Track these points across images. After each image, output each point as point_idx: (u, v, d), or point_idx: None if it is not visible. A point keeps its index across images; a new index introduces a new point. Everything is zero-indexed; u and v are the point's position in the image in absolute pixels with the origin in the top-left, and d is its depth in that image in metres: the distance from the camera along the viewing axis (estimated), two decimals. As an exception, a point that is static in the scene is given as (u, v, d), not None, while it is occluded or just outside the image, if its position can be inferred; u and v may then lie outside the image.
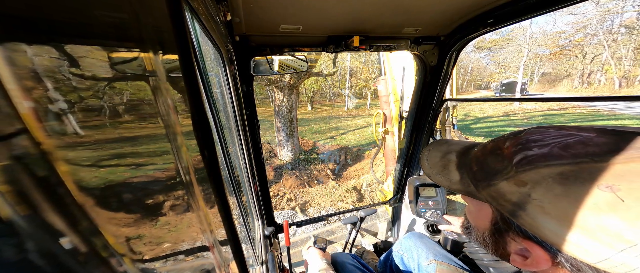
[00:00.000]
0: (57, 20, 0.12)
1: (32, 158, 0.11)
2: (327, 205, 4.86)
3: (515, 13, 0.71)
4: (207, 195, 0.28)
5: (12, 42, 0.10)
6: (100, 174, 0.16)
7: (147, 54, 0.19)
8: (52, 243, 0.11)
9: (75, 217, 0.12)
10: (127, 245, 0.17)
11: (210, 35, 0.53)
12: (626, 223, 0.22)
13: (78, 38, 0.14)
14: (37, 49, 0.12)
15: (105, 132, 0.17)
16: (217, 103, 0.77)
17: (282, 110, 6.12)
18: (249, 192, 1.07)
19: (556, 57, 23.31)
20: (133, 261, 0.17)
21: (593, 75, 21.50)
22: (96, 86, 0.17)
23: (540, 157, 0.28)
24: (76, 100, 0.14)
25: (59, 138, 0.12)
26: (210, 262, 0.30)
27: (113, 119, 0.18)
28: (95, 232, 0.14)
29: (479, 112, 14.30)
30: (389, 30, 0.89)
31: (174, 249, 0.24)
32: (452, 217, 1.01)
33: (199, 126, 0.25)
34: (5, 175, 0.10)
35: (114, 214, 0.16)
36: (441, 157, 0.44)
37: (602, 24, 18.41)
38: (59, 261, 0.12)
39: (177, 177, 0.23)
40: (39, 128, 0.11)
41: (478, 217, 0.38)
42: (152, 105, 0.20)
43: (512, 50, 21.42)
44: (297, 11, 0.68)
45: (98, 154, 0.16)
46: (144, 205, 0.21)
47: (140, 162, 0.20)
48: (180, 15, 0.23)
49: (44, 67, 0.12)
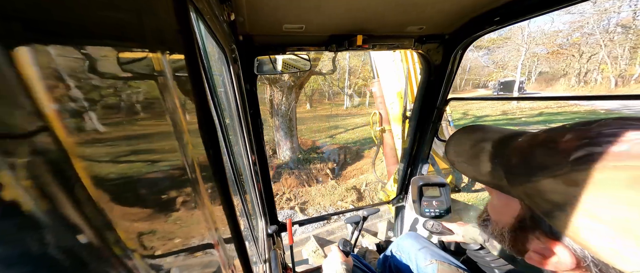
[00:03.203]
0: (73, 23, 0.13)
1: (52, 155, 0.11)
2: (327, 204, 4.86)
3: (522, 11, 0.70)
4: (213, 193, 0.28)
5: (33, 44, 0.11)
6: (115, 170, 0.16)
7: (155, 54, 0.20)
8: (70, 237, 0.12)
9: (91, 213, 0.13)
10: (138, 240, 0.17)
11: (214, 36, 0.53)
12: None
13: (93, 39, 0.15)
14: (56, 49, 0.12)
15: (119, 130, 0.17)
16: (222, 102, 0.77)
17: (281, 109, 6.10)
18: (253, 191, 1.08)
19: (553, 57, 23.46)
20: (142, 256, 0.17)
21: (589, 74, 21.69)
22: (111, 85, 0.17)
23: (610, 155, 0.24)
24: (92, 99, 0.15)
25: (76, 135, 0.13)
26: (215, 259, 0.30)
27: (126, 117, 0.18)
28: (108, 227, 0.14)
29: (477, 110, 14.37)
30: (392, 29, 0.88)
31: (181, 246, 0.24)
32: (452, 224, 1.00)
33: (205, 125, 0.25)
34: (28, 171, 0.10)
35: (126, 209, 0.16)
36: (472, 145, 0.40)
37: (599, 24, 18.55)
38: (76, 255, 0.12)
39: (184, 175, 0.23)
40: (58, 126, 0.11)
41: (502, 212, 0.36)
42: (160, 104, 0.21)
43: (510, 50, 21.53)
44: (300, 11, 0.68)
45: (113, 151, 0.16)
46: (152, 202, 0.21)
47: (149, 160, 0.21)
48: (186, 16, 0.24)
49: (63, 68, 0.12)
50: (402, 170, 1.40)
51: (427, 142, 1.21)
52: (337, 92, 18.54)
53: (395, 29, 0.88)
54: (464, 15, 0.83)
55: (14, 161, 0.10)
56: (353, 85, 16.98)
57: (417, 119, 1.20)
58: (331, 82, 16.09)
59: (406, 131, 1.37)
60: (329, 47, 0.92)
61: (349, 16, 0.74)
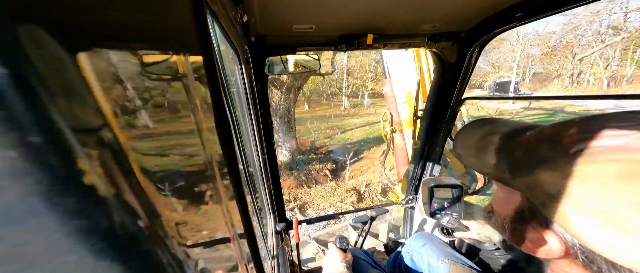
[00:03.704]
0: (107, 27, 0.14)
1: (113, 147, 0.13)
2: (327, 205, 4.82)
3: (547, 6, 0.68)
4: (228, 190, 0.29)
5: (90, 50, 0.12)
6: (158, 164, 0.18)
7: (178, 56, 0.21)
8: (131, 220, 0.13)
9: (142, 200, 0.14)
10: (175, 228, 0.19)
11: (228, 37, 0.54)
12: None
13: (125, 43, 0.16)
14: (108, 54, 0.13)
15: (157, 127, 0.18)
16: (234, 102, 0.79)
17: (279, 110, 6.06)
18: (262, 188, 1.09)
19: (547, 58, 23.89)
20: (179, 244, 0.19)
21: (582, 75, 22.14)
22: (156, 87, 0.19)
23: (609, 148, 0.25)
24: (144, 98, 0.17)
25: (129, 131, 0.14)
26: (231, 253, 0.32)
27: (165, 115, 0.20)
28: (154, 214, 0.15)
29: (475, 111, 14.52)
30: (404, 28, 0.87)
31: (207, 238, 0.25)
32: (470, 221, 0.99)
33: (221, 124, 0.26)
34: (100, 161, 0.12)
35: (165, 199, 0.18)
36: (480, 138, 0.41)
37: (591, 25, 18.96)
38: (135, 236, 0.14)
39: (206, 171, 0.25)
40: (115, 123, 0.13)
41: (505, 204, 0.37)
42: (185, 103, 0.22)
43: (505, 51, 21.85)
44: (310, 10, 0.68)
45: (156, 145, 0.18)
46: (183, 195, 0.22)
47: (181, 156, 0.22)
48: (203, 18, 0.25)
49: (121, 71, 0.14)
50: (413, 171, 1.38)
51: (439, 143, 1.19)
52: (335, 93, 18.56)
53: (407, 28, 0.87)
54: (482, 12, 0.81)
55: (90, 152, 0.11)
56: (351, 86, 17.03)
57: (430, 119, 1.18)
58: (329, 82, 16.11)
59: (417, 131, 1.35)
60: (338, 47, 0.91)
61: (359, 15, 0.73)
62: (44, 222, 0.10)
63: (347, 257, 0.90)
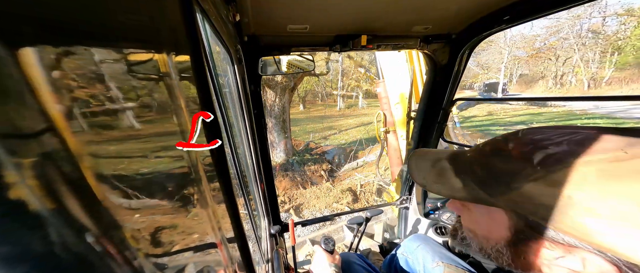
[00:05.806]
0: (80, 23, 0.13)
1: (58, 154, 0.11)
2: (322, 206, 4.81)
3: (532, 10, 0.70)
4: (216, 193, 0.28)
5: (40, 45, 0.11)
6: (119, 170, 0.16)
7: (161, 55, 0.20)
8: (74, 236, 0.12)
9: (95, 212, 0.13)
10: (141, 239, 0.17)
11: (220, 36, 0.53)
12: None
13: (100, 40, 0.14)
14: (63, 50, 0.12)
15: (124, 130, 0.17)
16: (226, 103, 0.76)
17: (274, 111, 6.02)
18: (256, 191, 1.07)
19: (532, 60, 24.81)
20: (146, 255, 0.17)
21: (565, 76, 23.10)
22: (117, 85, 0.17)
23: (566, 153, 0.26)
24: (98, 99, 0.15)
25: (81, 135, 0.13)
26: (217, 258, 0.31)
27: (132, 116, 0.18)
28: (113, 226, 0.14)
29: (464, 112, 14.87)
30: (397, 29, 0.88)
31: (185, 245, 0.24)
32: None
33: (209, 125, 0.25)
34: (35, 171, 0.10)
35: (131, 209, 0.17)
36: (432, 166, 0.40)
37: (573, 29, 19.83)
38: (80, 254, 0.12)
39: (189, 175, 0.24)
40: (63, 126, 0.11)
41: (489, 227, 0.34)
42: (166, 104, 0.21)
43: (493, 52, 22.52)
44: (304, 11, 0.67)
45: (118, 150, 0.16)
46: (156, 201, 0.21)
47: (155, 159, 0.21)
48: (192, 16, 0.24)
49: (70, 68, 0.12)
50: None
51: (432, 143, 1.21)
52: (330, 94, 18.61)
53: (401, 29, 0.88)
54: (472, 15, 0.83)
55: (19, 161, 0.10)
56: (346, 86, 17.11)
57: (423, 120, 1.20)
58: (324, 83, 16.13)
59: (411, 132, 1.37)
60: (333, 48, 0.91)
61: (353, 16, 0.74)
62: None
63: (335, 259, 0.87)
